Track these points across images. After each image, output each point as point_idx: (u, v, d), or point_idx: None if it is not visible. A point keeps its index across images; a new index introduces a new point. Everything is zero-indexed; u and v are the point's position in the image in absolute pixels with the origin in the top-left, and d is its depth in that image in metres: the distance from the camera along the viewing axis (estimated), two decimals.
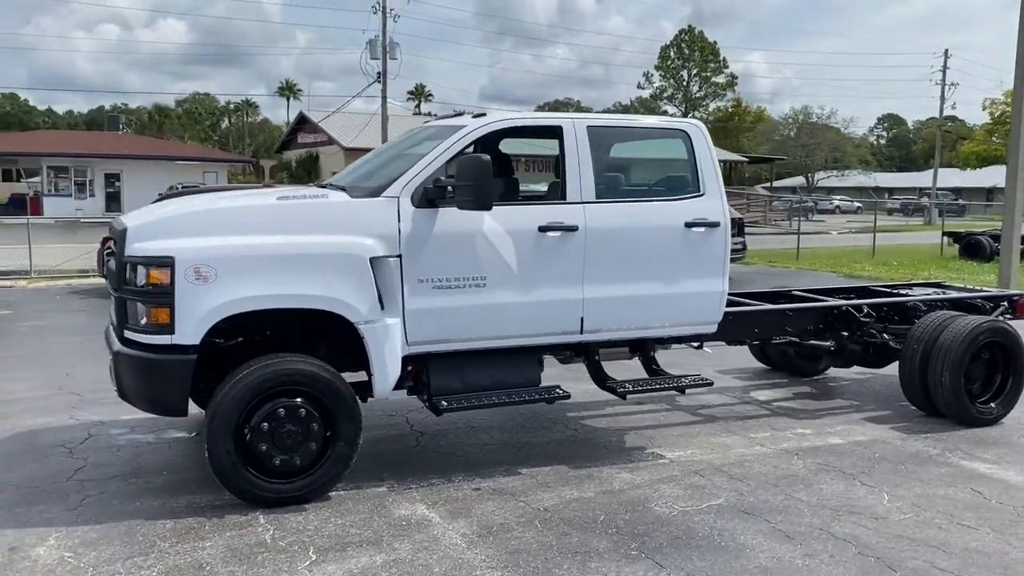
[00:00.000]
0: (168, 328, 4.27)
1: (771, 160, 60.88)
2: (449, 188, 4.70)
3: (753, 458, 5.53)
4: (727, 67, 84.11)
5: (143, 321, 4.33)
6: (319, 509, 4.50)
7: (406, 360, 4.97)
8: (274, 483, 4.47)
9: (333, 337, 4.84)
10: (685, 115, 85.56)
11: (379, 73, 39.01)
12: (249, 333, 4.85)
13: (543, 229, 5.04)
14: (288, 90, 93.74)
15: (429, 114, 56.70)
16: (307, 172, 48.26)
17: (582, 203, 5.18)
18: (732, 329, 6.28)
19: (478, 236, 4.88)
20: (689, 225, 5.42)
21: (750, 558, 4.03)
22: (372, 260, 4.59)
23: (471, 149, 5.16)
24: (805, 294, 7.34)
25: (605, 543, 4.16)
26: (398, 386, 5.08)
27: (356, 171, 5.66)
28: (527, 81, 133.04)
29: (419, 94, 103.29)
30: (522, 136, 5.82)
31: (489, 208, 4.72)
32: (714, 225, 5.49)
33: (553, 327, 5.18)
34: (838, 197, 67.64)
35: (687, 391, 6.11)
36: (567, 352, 5.58)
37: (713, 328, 5.72)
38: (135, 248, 4.34)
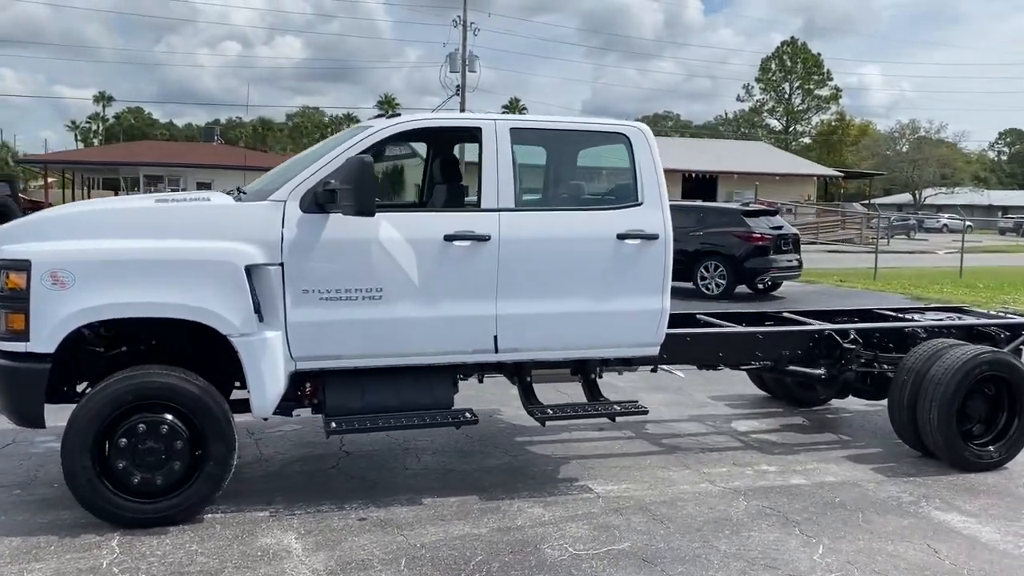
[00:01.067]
0: (23, 335, 4.10)
1: (870, 175, 58.35)
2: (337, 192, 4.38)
3: (691, 497, 4.98)
4: (831, 79, 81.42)
5: (1, 328, 4.16)
6: (181, 533, 4.23)
7: (302, 377, 4.68)
8: (135, 502, 4.23)
9: (223, 351, 4.57)
10: (787, 128, 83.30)
11: (458, 86, 39.34)
12: (134, 343, 4.64)
13: (449, 238, 4.66)
14: (387, 104, 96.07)
15: None
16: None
17: (498, 211, 4.77)
18: (693, 352, 5.75)
19: (373, 244, 4.54)
20: (622, 237, 4.94)
21: None
22: (249, 268, 4.31)
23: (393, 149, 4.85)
24: (794, 317, 6.67)
25: None
26: (300, 404, 4.81)
27: (268, 176, 5.42)
28: (630, 95, 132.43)
29: (514, 108, 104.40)
30: (439, 138, 5.45)
31: (371, 214, 4.37)
32: (651, 238, 4.99)
33: (462, 345, 4.78)
34: (946, 215, 64.07)
35: (617, 419, 5.59)
36: (489, 372, 5.18)
37: (654, 350, 5.19)
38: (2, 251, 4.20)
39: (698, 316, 6.60)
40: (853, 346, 5.98)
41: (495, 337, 4.78)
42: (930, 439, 5.53)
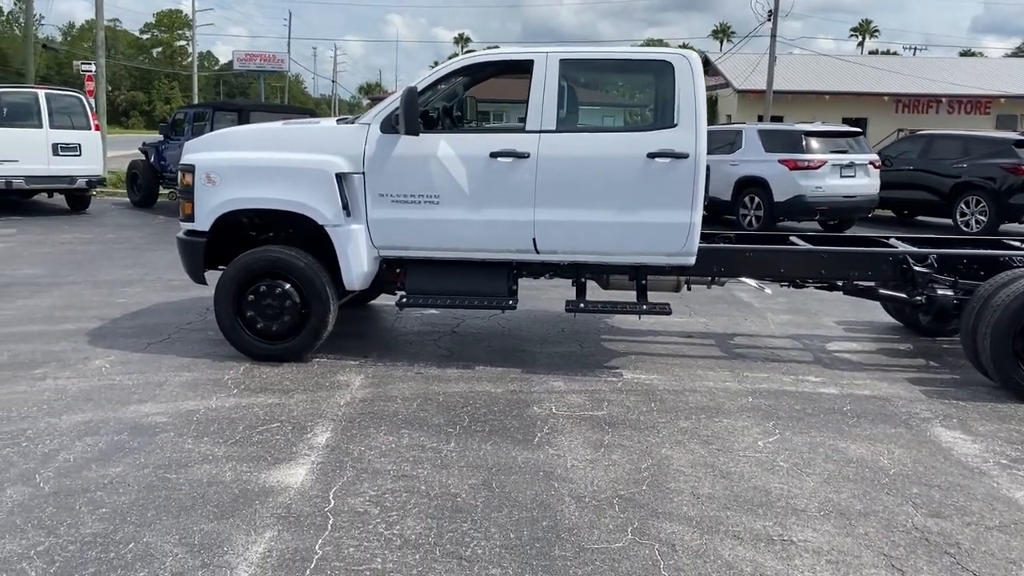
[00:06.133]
0: (191, 218, 5.91)
1: None
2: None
3: (704, 390, 5.56)
4: None
5: (181, 213, 6.02)
6: (288, 367, 5.83)
7: (392, 264, 6.02)
8: (260, 341, 5.90)
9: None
10: None
11: (770, 12, 37.77)
12: (277, 230, 6.28)
13: (494, 155, 5.65)
14: (722, 32, 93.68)
15: (874, 52, 53.11)
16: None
17: (539, 132, 5.65)
18: (752, 266, 6.16)
19: (432, 159, 5.69)
20: (653, 156, 5.55)
21: (523, 453, 4.45)
22: (339, 175, 5.70)
23: (456, 81, 5.96)
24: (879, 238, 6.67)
25: (440, 420, 4.86)
26: (396, 286, 6.17)
27: None
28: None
29: (864, 31, 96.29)
30: (502, 71, 6.32)
31: (415, 134, 5.51)
32: (681, 156, 5.53)
33: (507, 245, 5.78)
34: None
35: (642, 315, 6.14)
36: (549, 272, 6.11)
37: (687, 260, 5.75)
38: (183, 160, 6.02)
39: (790, 238, 6.85)
40: (926, 271, 5.94)
41: (534, 240, 5.71)
42: (985, 356, 5.47)
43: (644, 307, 5.83)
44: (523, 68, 5.81)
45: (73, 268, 9.57)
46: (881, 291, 6.30)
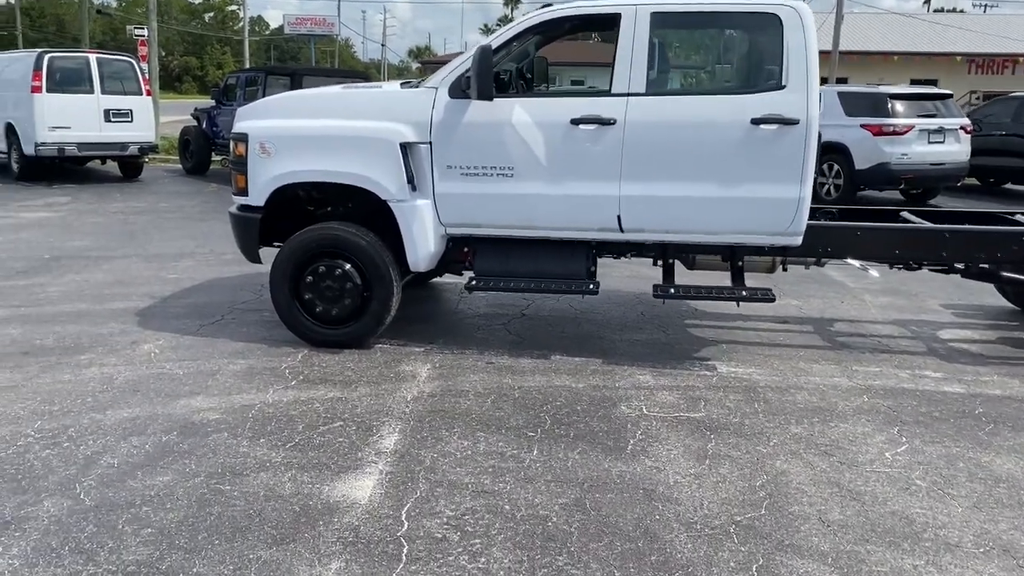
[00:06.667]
0: (245, 192, 5.42)
1: None
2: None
3: (812, 387, 4.95)
4: None
5: (233, 186, 5.54)
6: (349, 354, 5.36)
7: (460, 242, 5.49)
8: (319, 326, 5.44)
9: None
10: None
11: None
12: (335, 205, 5.78)
13: (576, 122, 5.05)
14: None
15: (939, 10, 50.85)
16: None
17: (626, 95, 5.02)
18: (863, 246, 5.49)
19: (506, 127, 5.10)
20: (757, 122, 4.89)
21: (617, 465, 3.91)
22: (404, 145, 5.15)
23: (530, 40, 5.34)
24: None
25: (519, 421, 4.34)
26: (463, 266, 5.64)
27: None
28: None
29: None
30: (581, 26, 5.68)
31: (489, 98, 4.93)
32: (790, 123, 4.86)
33: (588, 223, 5.20)
34: None
35: (741, 303, 5.53)
36: (632, 251, 5.52)
37: (793, 240, 5.10)
38: (235, 128, 5.53)
39: (901, 213, 6.14)
40: None
41: (619, 217, 5.12)
42: None
43: (744, 293, 5.20)
44: (607, 23, 5.17)
45: (124, 240, 9.24)
46: (1005, 274, 5.58)
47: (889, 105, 12.72)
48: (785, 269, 5.71)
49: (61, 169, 15.30)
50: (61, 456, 3.84)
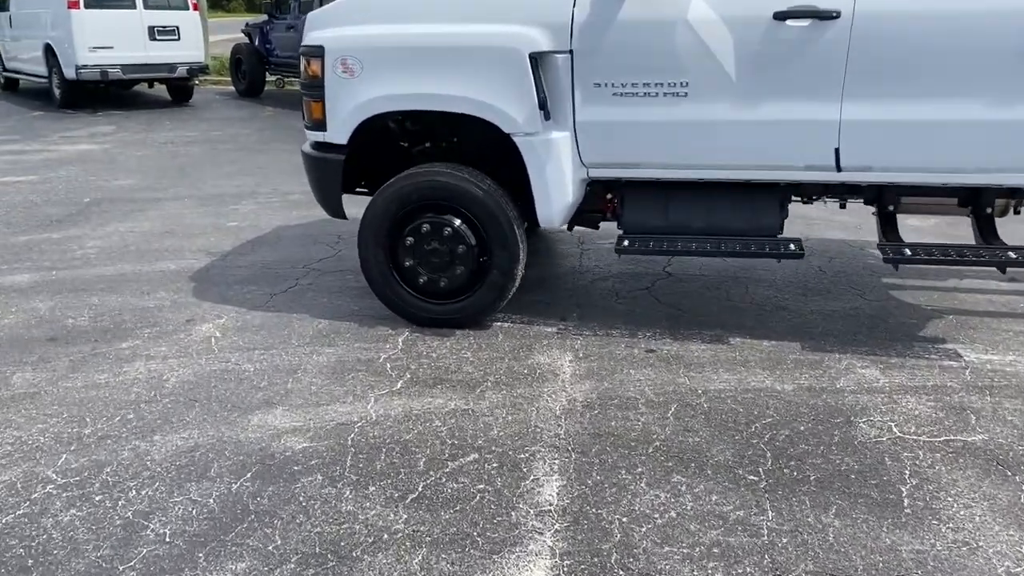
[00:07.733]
0: (322, 125, 4.10)
1: None
2: None
3: None
4: None
5: (306, 118, 4.21)
6: (464, 338, 4.11)
7: (604, 186, 4.14)
8: (422, 300, 4.17)
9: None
10: None
11: None
12: (436, 139, 4.43)
13: (780, 16, 3.57)
14: None
15: None
16: None
17: None
18: None
19: (680, 26, 3.66)
20: None
21: (903, 539, 2.60)
22: (534, 56, 3.75)
23: None
24: None
25: (726, 456, 3.05)
26: (604, 217, 4.31)
27: None
28: None
29: None
30: None
31: None
32: None
33: (791, 158, 3.77)
34: None
35: (1008, 269, 4.11)
36: (834, 194, 4.11)
37: None
38: (305, 39, 4.17)
39: None
40: None
41: (836, 150, 3.68)
42: None
43: (1013, 256, 3.76)
44: None
45: (175, 177, 8.05)
46: None
47: None
48: (1017, 212, 4.25)
49: (106, 94, 14.15)
50: (91, 522, 2.67)
